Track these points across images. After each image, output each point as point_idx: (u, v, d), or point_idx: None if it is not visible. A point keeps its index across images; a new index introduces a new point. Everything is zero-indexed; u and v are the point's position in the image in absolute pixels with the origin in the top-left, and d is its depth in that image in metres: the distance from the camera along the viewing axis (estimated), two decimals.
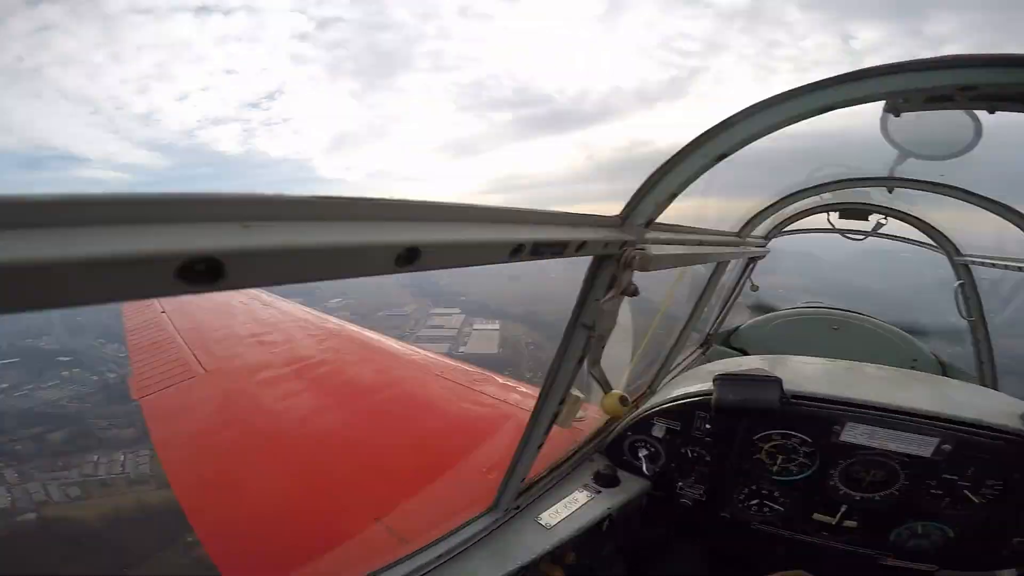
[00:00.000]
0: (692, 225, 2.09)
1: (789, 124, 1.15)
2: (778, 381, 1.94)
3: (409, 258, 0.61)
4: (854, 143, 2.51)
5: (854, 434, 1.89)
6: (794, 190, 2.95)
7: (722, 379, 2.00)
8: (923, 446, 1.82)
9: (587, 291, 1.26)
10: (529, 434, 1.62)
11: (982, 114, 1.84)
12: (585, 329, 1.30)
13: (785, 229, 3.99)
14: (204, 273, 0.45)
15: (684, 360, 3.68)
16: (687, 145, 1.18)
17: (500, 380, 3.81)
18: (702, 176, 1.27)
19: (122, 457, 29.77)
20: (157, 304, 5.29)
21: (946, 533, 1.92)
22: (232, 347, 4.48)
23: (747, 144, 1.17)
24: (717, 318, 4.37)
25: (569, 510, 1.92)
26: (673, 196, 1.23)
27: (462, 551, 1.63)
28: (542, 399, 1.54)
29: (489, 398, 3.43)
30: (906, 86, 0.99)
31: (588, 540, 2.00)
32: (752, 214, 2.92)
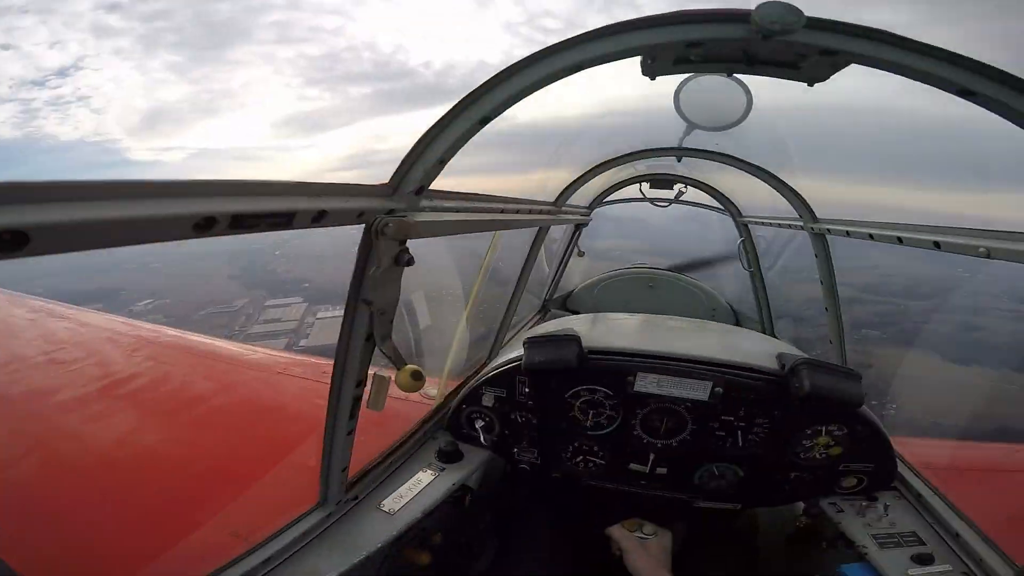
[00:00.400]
0: (507, 196, 2.13)
1: (547, 84, 1.14)
2: (576, 338, 1.97)
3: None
4: (659, 118, 2.74)
5: (645, 383, 1.96)
6: (599, 162, 3.17)
7: (530, 342, 2.01)
8: (700, 390, 1.92)
9: (362, 264, 1.19)
10: (334, 422, 1.52)
11: (752, 88, 2.10)
12: (367, 305, 1.24)
13: (605, 200, 4.34)
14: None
15: (524, 327, 3.83)
16: (450, 110, 1.14)
17: None
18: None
19: None
20: None
21: (737, 473, 2.03)
22: (15, 372, 3.77)
23: (509, 107, 1.16)
24: (551, 284, 4.62)
25: (412, 492, 1.86)
26: (444, 162, 1.19)
27: (298, 549, 1.51)
28: (336, 384, 1.45)
29: None
30: (643, 42, 1.04)
31: (453, 518, 1.95)
32: (565, 185, 3.09)
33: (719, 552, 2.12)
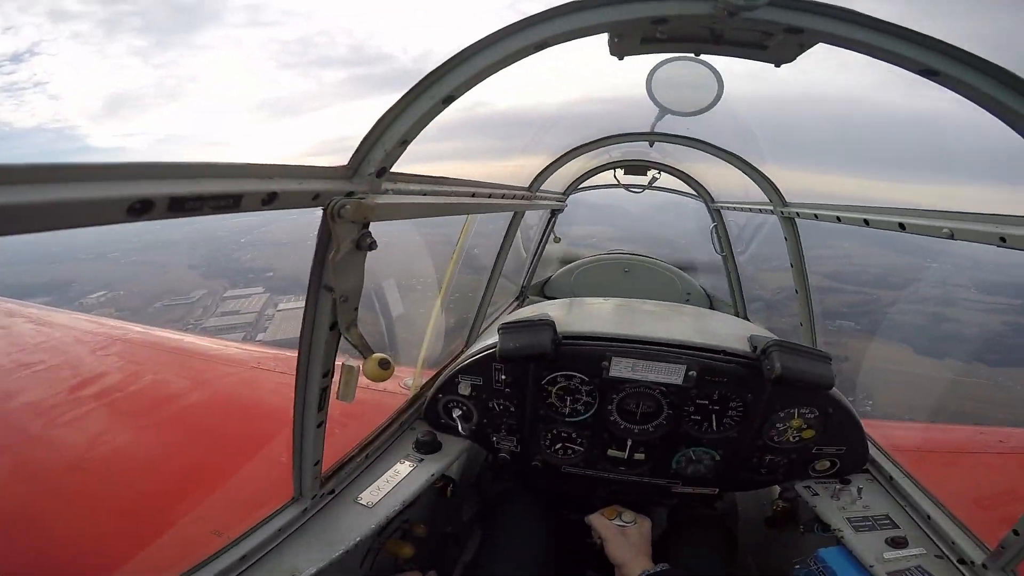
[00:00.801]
0: (481, 180, 2.09)
1: (513, 61, 1.10)
2: (550, 324, 1.94)
3: None
4: (632, 105, 2.72)
5: (620, 368, 1.94)
6: (572, 147, 3.15)
7: (504, 328, 1.96)
8: (675, 374, 1.90)
9: (322, 249, 1.14)
10: (302, 415, 1.48)
11: (723, 75, 2.09)
12: (328, 291, 1.20)
13: (581, 185, 4.34)
14: None
15: (502, 314, 3.81)
16: (411, 89, 1.10)
17: None
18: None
19: None
20: None
21: (713, 457, 2.03)
22: None
23: (473, 85, 1.12)
24: (528, 270, 4.62)
25: (391, 484, 1.83)
26: (406, 142, 1.15)
27: (275, 545, 1.49)
28: (302, 375, 1.41)
29: None
30: (609, 19, 1.01)
31: (435, 509, 1.92)
32: (539, 170, 3.06)
33: (698, 537, 2.14)
